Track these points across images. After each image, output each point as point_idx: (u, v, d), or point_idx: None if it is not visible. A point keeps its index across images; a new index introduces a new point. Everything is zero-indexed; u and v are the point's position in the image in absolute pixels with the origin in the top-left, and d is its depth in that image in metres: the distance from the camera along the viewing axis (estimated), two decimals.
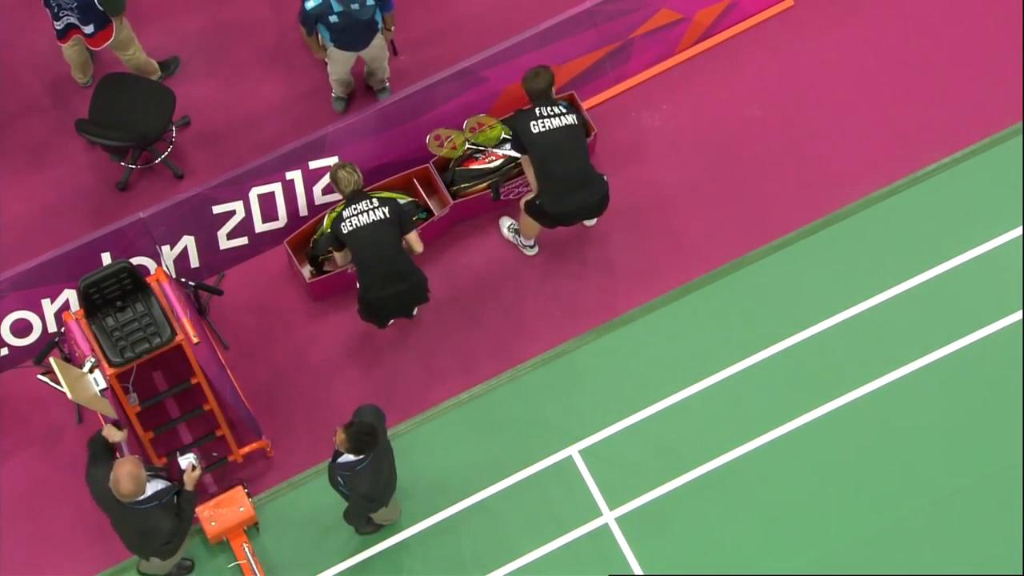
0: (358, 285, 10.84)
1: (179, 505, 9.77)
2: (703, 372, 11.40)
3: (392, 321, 11.26)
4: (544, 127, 10.81)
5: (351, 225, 10.60)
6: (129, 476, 9.44)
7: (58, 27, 11.36)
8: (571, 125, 10.85)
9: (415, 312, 11.37)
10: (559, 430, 11.27)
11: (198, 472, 9.85)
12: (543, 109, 10.86)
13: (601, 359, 11.47)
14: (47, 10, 11.29)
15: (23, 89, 12.18)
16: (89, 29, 11.29)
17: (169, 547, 9.92)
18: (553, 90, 10.95)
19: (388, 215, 10.64)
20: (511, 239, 11.74)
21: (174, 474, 10.28)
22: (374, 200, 10.67)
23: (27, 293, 11.12)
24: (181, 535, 9.92)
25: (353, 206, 10.65)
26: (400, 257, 10.73)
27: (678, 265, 11.69)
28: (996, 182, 11.89)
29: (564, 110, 10.88)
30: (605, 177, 11.09)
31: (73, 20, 11.27)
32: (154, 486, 9.64)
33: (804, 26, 12.34)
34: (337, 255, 10.99)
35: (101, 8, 11.15)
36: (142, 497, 9.53)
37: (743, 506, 11.05)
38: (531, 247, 11.67)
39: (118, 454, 10.11)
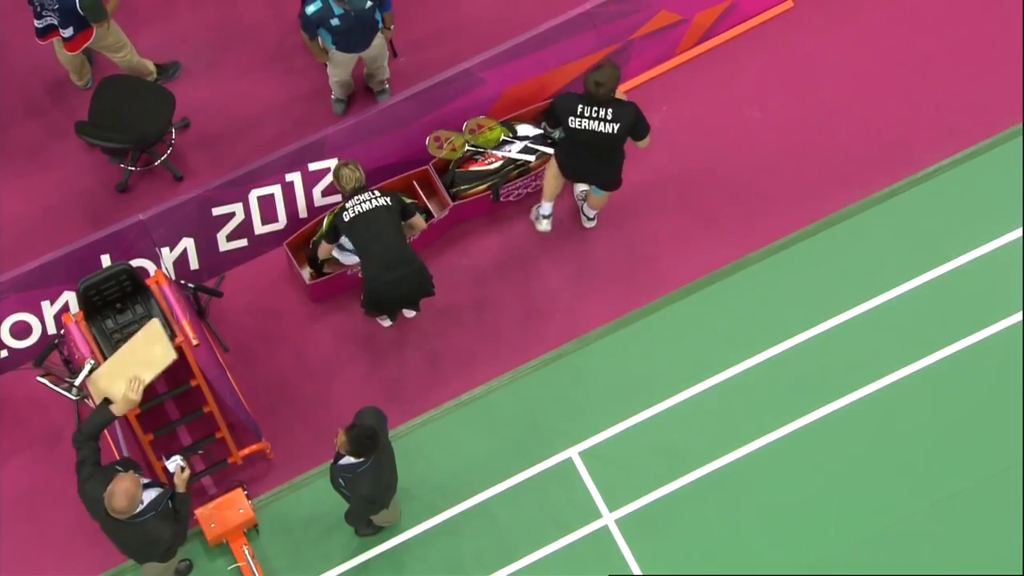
0: (363, 277, 10.82)
1: (175, 509, 9.73)
2: (703, 373, 11.39)
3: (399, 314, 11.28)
4: (580, 125, 10.74)
5: (353, 212, 10.61)
6: (124, 494, 9.34)
7: (38, 26, 11.33)
8: (608, 135, 10.73)
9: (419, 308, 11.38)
10: (559, 431, 11.26)
11: (187, 473, 9.82)
12: (589, 109, 10.69)
13: (601, 361, 11.47)
14: (30, 7, 11.25)
15: (23, 91, 12.19)
16: (67, 32, 11.26)
17: (169, 552, 9.91)
18: (614, 93, 10.68)
19: (390, 202, 10.67)
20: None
21: (167, 481, 10.26)
22: (376, 191, 10.71)
23: (27, 295, 11.11)
24: (180, 538, 9.89)
25: (355, 198, 10.67)
26: (402, 242, 10.74)
27: (678, 266, 11.68)
28: (996, 183, 11.89)
29: (610, 116, 10.69)
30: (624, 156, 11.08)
31: (53, 22, 11.24)
32: (148, 496, 9.57)
33: (804, 27, 12.34)
34: (324, 247, 11.00)
35: (82, 14, 11.13)
36: (138, 510, 9.48)
37: (743, 507, 11.04)
38: (545, 218, 11.54)
39: (114, 450, 10.06)
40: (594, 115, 10.69)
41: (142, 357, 10.16)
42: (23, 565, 10.91)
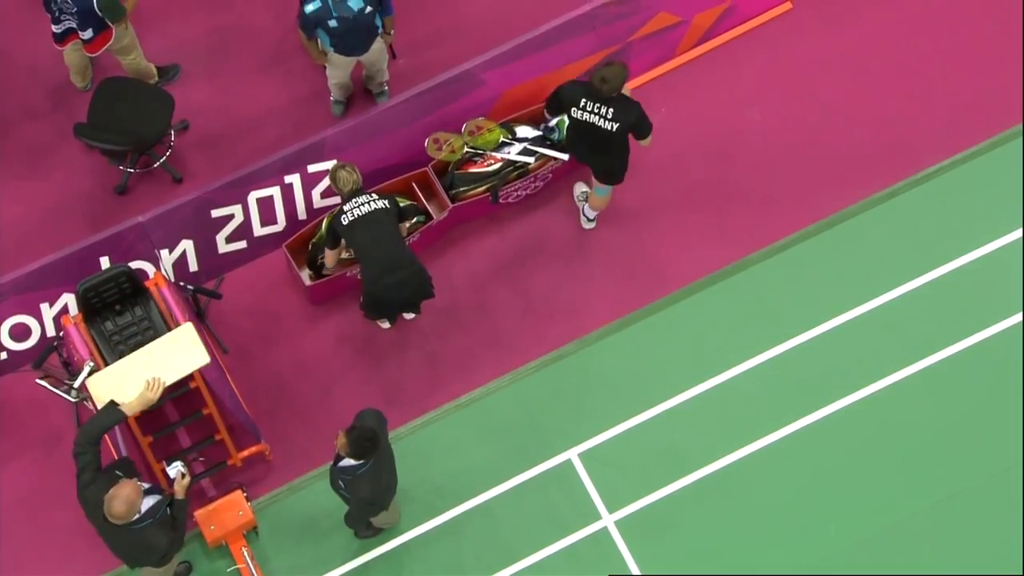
0: (362, 280, 10.81)
1: (172, 515, 9.68)
2: (703, 375, 11.38)
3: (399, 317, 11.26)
4: (581, 117, 10.79)
5: (351, 216, 10.59)
6: (125, 500, 9.29)
7: (57, 31, 11.37)
8: (607, 131, 10.77)
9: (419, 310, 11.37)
10: (558, 433, 11.25)
11: (188, 480, 9.79)
12: (592, 104, 10.73)
13: (601, 362, 11.46)
14: (48, 14, 11.30)
15: (23, 93, 12.19)
16: (87, 35, 11.29)
17: (165, 558, 9.88)
18: (618, 92, 10.69)
19: (388, 205, 10.64)
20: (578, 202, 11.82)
21: (166, 484, 10.23)
22: (373, 194, 10.69)
23: (26, 297, 11.10)
24: (177, 545, 9.85)
25: (353, 200, 10.65)
26: (401, 244, 10.73)
27: (679, 267, 11.68)
28: (996, 184, 11.89)
29: (611, 115, 10.72)
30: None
31: (72, 25, 11.27)
32: (147, 503, 9.52)
33: (803, 28, 12.34)
34: (329, 254, 10.98)
35: (100, 15, 11.15)
36: (135, 517, 9.44)
37: (743, 509, 11.03)
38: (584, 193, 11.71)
39: (114, 452, 10.02)
40: (595, 111, 10.71)
41: (167, 360, 10.15)
42: (22, 567, 10.91)
